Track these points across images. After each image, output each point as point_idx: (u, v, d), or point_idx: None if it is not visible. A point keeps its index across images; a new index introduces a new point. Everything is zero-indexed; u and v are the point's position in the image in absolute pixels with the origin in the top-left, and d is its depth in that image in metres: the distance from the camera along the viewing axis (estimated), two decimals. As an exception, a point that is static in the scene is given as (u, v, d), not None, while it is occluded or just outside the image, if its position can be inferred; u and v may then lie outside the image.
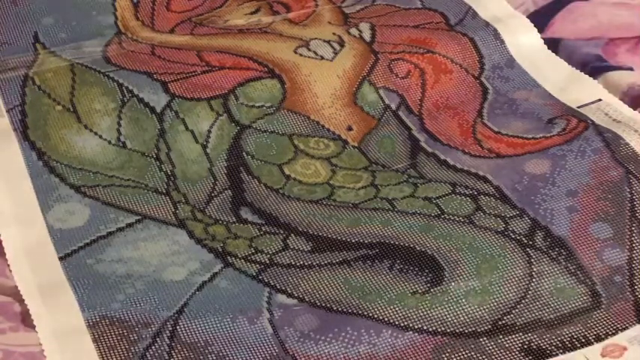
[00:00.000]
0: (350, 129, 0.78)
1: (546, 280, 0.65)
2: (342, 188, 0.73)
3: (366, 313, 0.63)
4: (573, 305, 0.63)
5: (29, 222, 0.69)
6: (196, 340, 0.62)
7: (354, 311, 0.63)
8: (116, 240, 0.68)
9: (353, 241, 0.68)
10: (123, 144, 0.76)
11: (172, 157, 0.75)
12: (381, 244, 0.68)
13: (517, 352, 0.61)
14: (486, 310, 0.63)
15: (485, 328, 0.62)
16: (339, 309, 0.64)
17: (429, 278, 0.65)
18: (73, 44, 0.84)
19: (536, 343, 0.61)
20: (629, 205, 0.69)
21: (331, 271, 0.66)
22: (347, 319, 0.63)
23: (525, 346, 0.61)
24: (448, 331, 0.62)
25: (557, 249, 0.67)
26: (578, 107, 0.79)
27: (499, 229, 0.68)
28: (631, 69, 0.82)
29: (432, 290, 0.64)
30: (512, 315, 0.63)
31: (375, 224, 0.69)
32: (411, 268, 0.66)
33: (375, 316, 0.63)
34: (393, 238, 0.68)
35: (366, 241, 0.68)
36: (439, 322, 0.63)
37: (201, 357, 0.61)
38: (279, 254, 0.68)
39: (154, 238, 0.69)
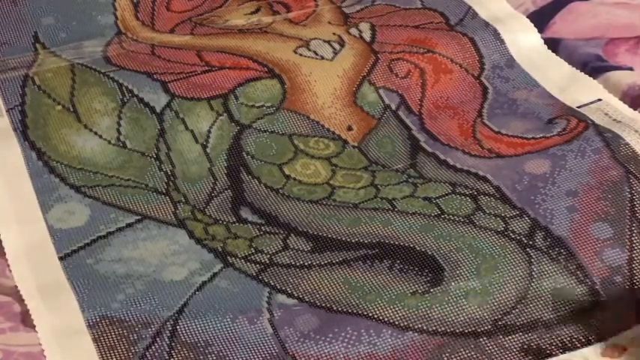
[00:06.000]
0: (350, 129, 0.78)
1: (546, 280, 0.65)
2: (342, 188, 0.73)
3: (366, 313, 0.63)
4: (573, 305, 0.63)
5: (29, 222, 0.69)
6: (196, 340, 0.62)
7: (354, 311, 0.63)
8: (116, 240, 0.68)
9: (353, 241, 0.68)
10: (123, 144, 0.76)
11: (172, 157, 0.75)
12: (381, 244, 0.68)
13: (517, 352, 0.61)
14: (486, 310, 0.63)
15: (485, 328, 0.62)
16: (339, 309, 0.64)
17: (429, 278, 0.65)
18: (73, 44, 0.84)
19: (536, 343, 0.61)
20: (629, 205, 0.69)
21: (331, 271, 0.66)
22: (347, 319, 0.63)
23: (525, 346, 0.61)
24: (448, 331, 0.62)
25: (557, 249, 0.67)
26: (578, 107, 0.79)
27: (499, 229, 0.68)
28: (631, 69, 0.82)
29: (432, 290, 0.64)
30: (512, 315, 0.63)
31: (375, 224, 0.69)
32: (411, 268, 0.66)
33: (375, 316, 0.63)
34: (393, 238, 0.68)
35: (366, 241, 0.68)
36: (439, 322, 0.63)
37: (201, 357, 0.61)
38: (279, 254, 0.68)
39: (154, 238, 0.69)
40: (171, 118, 0.78)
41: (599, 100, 0.79)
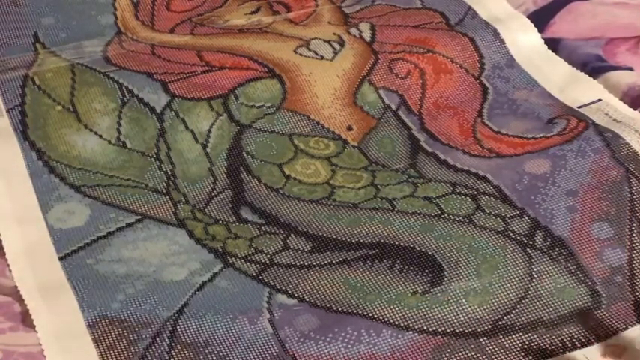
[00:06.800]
0: (350, 129, 0.78)
1: (546, 280, 0.65)
2: (342, 188, 0.73)
3: (366, 313, 0.63)
4: (573, 305, 0.63)
5: (29, 222, 0.69)
6: (196, 340, 0.62)
7: (354, 311, 0.63)
8: (116, 240, 0.68)
9: (353, 241, 0.68)
10: (123, 144, 0.76)
11: (172, 157, 0.75)
12: (381, 244, 0.68)
13: (517, 352, 0.61)
14: (486, 310, 0.63)
15: (486, 328, 0.62)
16: (339, 309, 0.64)
17: (429, 278, 0.65)
18: (73, 44, 0.84)
19: (536, 343, 0.61)
20: (629, 205, 0.69)
21: (331, 271, 0.66)
22: (347, 319, 0.63)
23: (525, 346, 0.61)
24: (448, 331, 0.62)
25: (557, 249, 0.67)
26: (578, 107, 0.79)
27: (499, 229, 0.68)
28: (631, 69, 0.82)
29: (432, 290, 0.64)
30: (512, 315, 0.63)
31: (375, 224, 0.69)
32: (411, 268, 0.66)
33: (375, 316, 0.63)
34: (393, 238, 0.68)
35: (366, 241, 0.68)
36: (439, 322, 0.63)
37: (201, 357, 0.61)
38: (279, 254, 0.68)
39: (154, 238, 0.69)
40: (172, 118, 0.78)
41: (599, 100, 0.79)
